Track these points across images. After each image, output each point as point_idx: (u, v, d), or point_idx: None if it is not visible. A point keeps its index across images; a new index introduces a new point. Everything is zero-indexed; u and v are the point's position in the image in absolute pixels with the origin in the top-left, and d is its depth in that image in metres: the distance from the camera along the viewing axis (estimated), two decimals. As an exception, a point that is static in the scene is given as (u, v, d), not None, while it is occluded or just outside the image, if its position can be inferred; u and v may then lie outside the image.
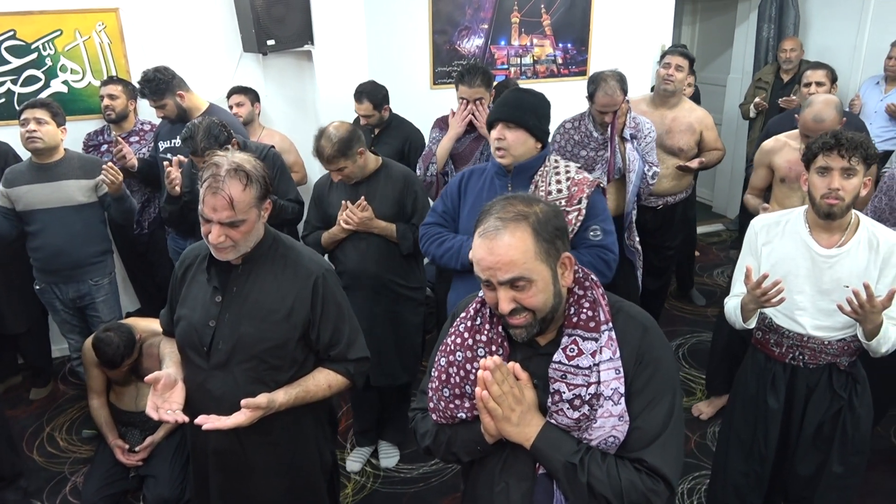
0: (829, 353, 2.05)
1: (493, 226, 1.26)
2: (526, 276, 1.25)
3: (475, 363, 1.36)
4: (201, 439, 1.86)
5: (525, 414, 1.31)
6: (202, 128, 2.64)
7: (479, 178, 2.35)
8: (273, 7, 3.61)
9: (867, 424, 2.10)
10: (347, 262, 2.78)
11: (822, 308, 2.00)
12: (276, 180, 2.96)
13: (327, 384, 1.84)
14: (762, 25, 5.52)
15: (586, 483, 1.26)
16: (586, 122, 3.22)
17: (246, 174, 1.66)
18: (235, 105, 3.83)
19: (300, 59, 4.09)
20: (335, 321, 1.84)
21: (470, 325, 1.41)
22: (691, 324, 4.42)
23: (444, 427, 1.44)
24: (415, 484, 3.04)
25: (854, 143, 1.88)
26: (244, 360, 1.76)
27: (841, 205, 1.92)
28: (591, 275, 1.39)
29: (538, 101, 2.25)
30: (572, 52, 4.92)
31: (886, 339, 1.93)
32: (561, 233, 1.31)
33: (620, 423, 1.28)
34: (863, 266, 1.96)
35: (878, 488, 2.93)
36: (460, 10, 4.50)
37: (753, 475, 2.23)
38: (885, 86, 4.49)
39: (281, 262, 1.80)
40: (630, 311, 1.39)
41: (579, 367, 1.28)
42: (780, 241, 2.08)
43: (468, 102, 3.09)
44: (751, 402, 2.20)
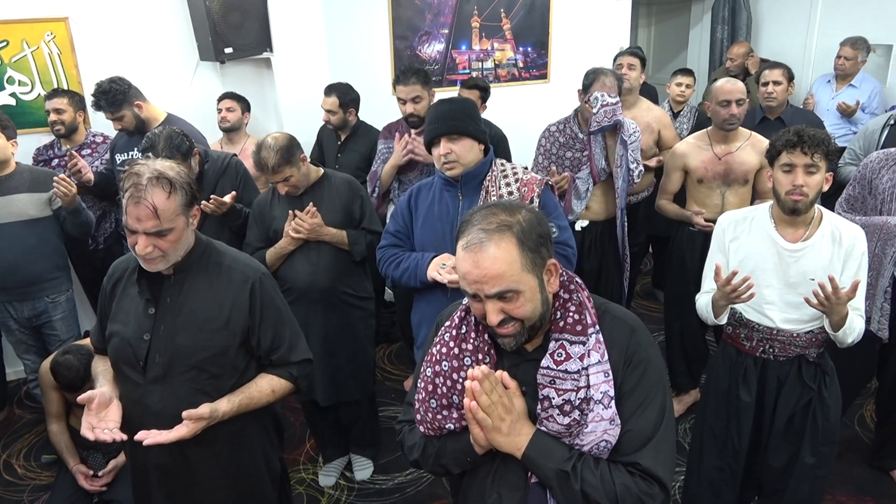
0: (797, 346, 2.09)
1: (476, 238, 1.23)
2: (513, 288, 1.23)
3: (462, 372, 1.34)
4: (141, 455, 1.80)
5: (515, 423, 1.29)
6: (163, 137, 2.57)
7: (428, 192, 2.32)
8: (229, 14, 3.55)
9: (836, 415, 2.15)
10: (297, 276, 2.67)
11: (790, 301, 2.03)
12: (240, 189, 2.89)
13: (271, 389, 1.80)
14: (716, 27, 5.64)
15: (580, 490, 1.24)
16: (571, 124, 3.24)
17: (169, 181, 1.62)
18: (226, 109, 3.75)
19: (259, 67, 4.03)
20: (275, 325, 1.80)
21: (455, 334, 1.38)
22: (657, 321, 4.46)
23: (432, 439, 1.41)
24: (390, 495, 3.00)
25: (816, 140, 1.93)
26: (183, 371, 1.71)
27: (805, 200, 1.97)
28: (575, 277, 1.38)
29: (468, 106, 2.24)
30: (533, 56, 4.95)
31: (852, 330, 1.97)
32: (545, 239, 1.29)
33: (612, 426, 1.26)
34: (827, 259, 2.00)
35: (845, 477, 3.00)
36: (420, 15, 4.48)
37: (727, 469, 2.25)
38: (836, 84, 4.62)
39: (215, 269, 1.76)
40: (616, 313, 1.38)
41: (568, 372, 1.27)
42: (746, 237, 2.12)
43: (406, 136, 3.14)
44: (723, 396, 2.23)
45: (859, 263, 2.00)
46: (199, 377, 1.72)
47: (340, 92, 3.54)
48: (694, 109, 4.40)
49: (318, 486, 3.07)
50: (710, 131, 3.10)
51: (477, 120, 2.23)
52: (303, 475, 3.15)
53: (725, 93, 2.94)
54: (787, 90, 3.75)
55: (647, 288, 5.00)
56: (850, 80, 4.53)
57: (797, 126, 1.99)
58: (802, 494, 2.17)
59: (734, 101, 2.92)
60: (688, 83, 4.32)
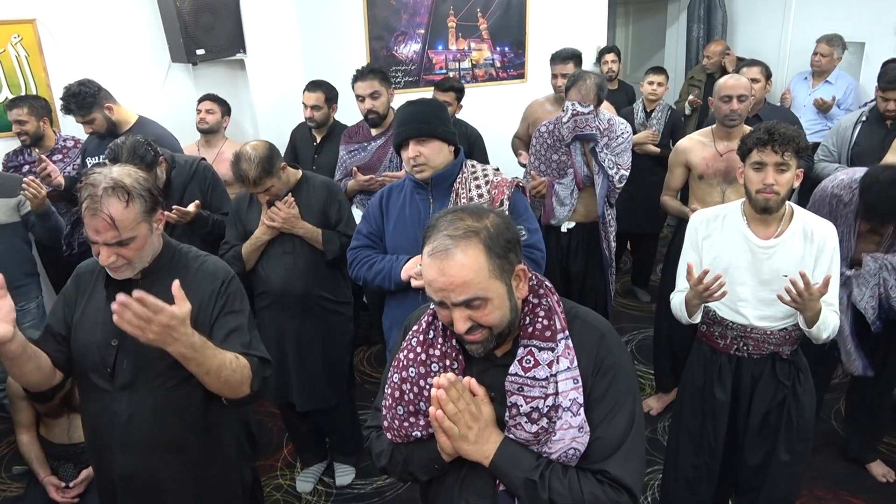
0: (771, 343, 2.09)
1: (443, 245, 1.20)
2: (481, 295, 1.20)
3: (429, 379, 1.31)
4: (107, 464, 1.76)
5: (483, 431, 1.26)
6: (126, 148, 2.51)
7: (399, 194, 2.30)
8: (201, 15, 3.50)
9: (811, 411, 2.15)
10: (272, 281, 2.65)
11: (764, 298, 2.04)
12: (208, 194, 2.85)
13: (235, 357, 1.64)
14: (692, 26, 5.68)
15: (547, 499, 1.23)
16: (560, 126, 3.21)
17: (126, 190, 1.58)
18: (205, 111, 3.69)
19: (233, 69, 3.98)
20: (238, 319, 1.72)
21: (422, 339, 1.35)
22: (637, 320, 4.49)
23: (400, 446, 1.38)
24: (370, 499, 2.97)
25: (786, 138, 1.92)
26: (151, 377, 1.67)
27: (776, 198, 1.97)
28: (545, 281, 1.35)
29: (435, 107, 2.21)
30: (510, 56, 4.95)
31: (826, 326, 1.97)
32: (513, 245, 1.25)
33: (580, 434, 1.24)
34: (799, 255, 2.01)
35: (821, 473, 3.02)
36: (396, 15, 4.46)
37: (704, 467, 2.25)
38: (813, 80, 4.67)
39: (185, 272, 1.73)
40: (586, 318, 1.35)
41: (536, 379, 1.24)
42: (719, 234, 2.12)
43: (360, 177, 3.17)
44: (698, 394, 2.23)
45: (831, 258, 2.01)
46: (167, 383, 1.68)
47: (326, 87, 3.52)
48: (667, 107, 4.42)
49: (295, 491, 3.03)
50: (714, 128, 3.06)
51: (446, 121, 2.20)
52: (280, 481, 3.11)
53: (728, 88, 2.88)
54: (764, 88, 3.78)
55: (626, 286, 5.01)
56: (826, 76, 4.58)
57: (768, 123, 1.99)
58: (778, 491, 2.18)
59: (735, 96, 2.86)
60: (660, 81, 4.37)
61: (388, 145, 3.19)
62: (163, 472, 1.75)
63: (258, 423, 3.50)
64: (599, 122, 3.12)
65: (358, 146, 3.26)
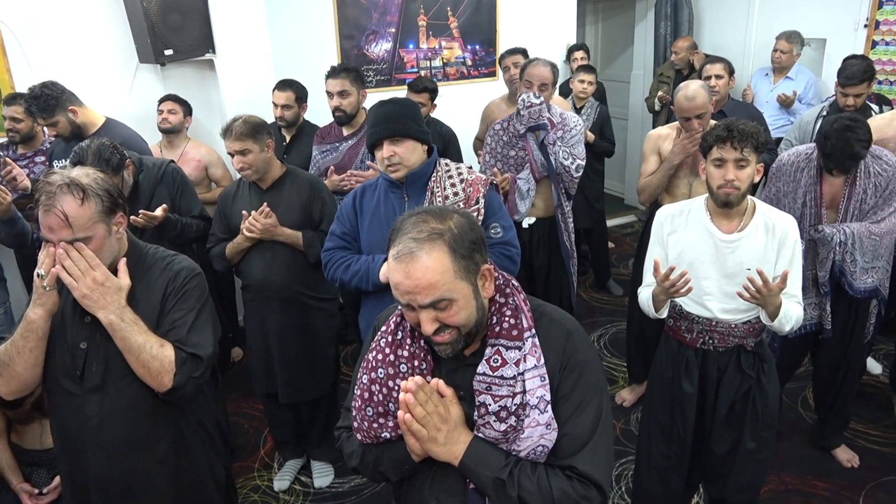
0: (736, 336, 2.14)
1: (407, 248, 1.20)
2: (447, 296, 1.21)
3: (398, 380, 1.32)
4: (80, 467, 1.76)
5: (452, 432, 1.27)
6: (91, 152, 2.48)
7: (373, 193, 2.31)
8: (168, 15, 3.47)
9: (775, 400, 2.21)
10: (252, 273, 2.70)
11: (728, 292, 2.08)
12: (177, 197, 2.83)
13: (159, 344, 1.66)
14: (659, 23, 5.75)
15: (517, 497, 1.24)
16: (514, 121, 3.24)
17: (81, 188, 1.58)
18: (167, 111, 3.65)
19: (202, 69, 3.95)
20: (183, 314, 1.73)
21: (391, 340, 1.36)
22: (610, 314, 4.55)
23: (370, 447, 1.39)
24: (347, 498, 2.98)
25: (745, 134, 1.97)
26: (121, 378, 1.68)
27: (737, 193, 2.02)
28: (511, 280, 1.36)
29: (408, 106, 2.22)
30: (481, 54, 4.97)
31: (788, 318, 2.03)
32: (478, 245, 1.26)
33: (548, 431, 1.26)
34: (762, 249, 2.06)
35: (789, 458, 3.10)
36: (366, 14, 4.46)
37: (674, 458, 2.30)
38: (774, 77, 4.76)
39: (151, 271, 1.74)
40: (553, 315, 1.37)
41: (504, 378, 1.26)
42: (684, 229, 2.16)
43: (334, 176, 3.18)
44: (667, 387, 2.27)
45: (792, 252, 2.06)
46: (135, 382, 1.69)
47: (296, 86, 3.53)
48: (596, 105, 4.54)
49: (272, 492, 3.03)
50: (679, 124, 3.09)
51: (419, 121, 2.21)
52: (257, 482, 3.11)
53: (684, 111, 2.90)
54: (728, 84, 3.84)
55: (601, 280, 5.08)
56: (787, 72, 4.67)
57: (727, 120, 2.04)
58: (745, 478, 2.23)
59: (693, 117, 2.89)
60: (590, 80, 4.52)
61: (359, 145, 3.20)
62: (135, 473, 1.75)
63: (234, 424, 3.49)
64: (552, 115, 3.17)
65: (330, 146, 3.27)
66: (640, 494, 2.45)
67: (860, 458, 3.05)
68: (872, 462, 3.05)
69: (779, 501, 2.84)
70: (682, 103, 2.90)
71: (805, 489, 2.91)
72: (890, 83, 4.58)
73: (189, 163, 3.68)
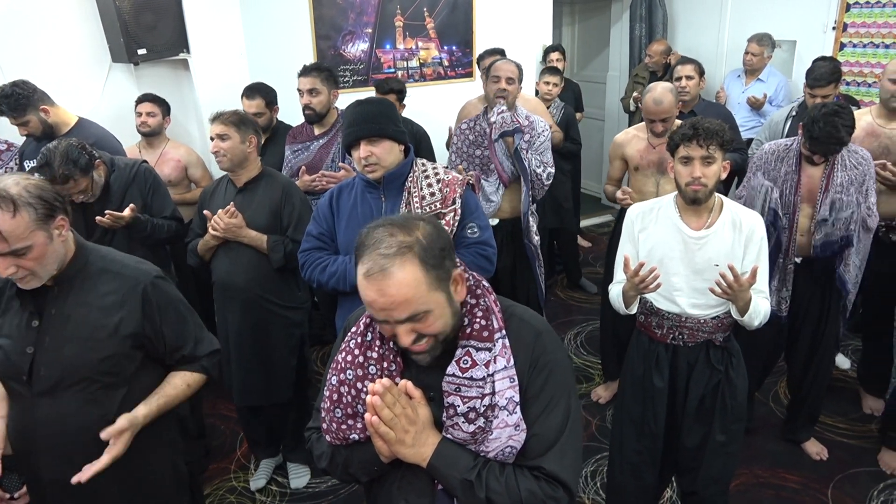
0: (704, 331, 2.18)
1: (378, 265, 1.17)
2: (423, 309, 1.19)
3: (367, 381, 1.31)
4: (33, 469, 1.75)
5: (420, 434, 1.27)
6: (59, 153, 2.44)
7: (350, 193, 2.30)
8: (141, 14, 3.44)
9: (743, 394, 2.25)
10: (218, 271, 2.71)
11: (697, 287, 2.12)
12: (149, 198, 2.81)
13: (185, 384, 1.84)
14: (634, 25, 5.81)
15: (485, 498, 1.24)
16: (480, 121, 3.27)
17: (11, 200, 1.54)
18: (146, 113, 3.58)
19: (176, 69, 3.92)
20: (175, 323, 1.80)
21: (360, 342, 1.35)
22: (586, 312, 4.59)
23: (339, 448, 1.38)
24: (324, 497, 2.98)
25: (710, 132, 2.02)
26: (72, 383, 1.67)
27: (704, 190, 2.06)
28: (482, 281, 1.36)
29: (385, 106, 2.23)
30: (458, 55, 4.99)
31: (757, 313, 2.07)
32: (447, 252, 1.24)
33: (517, 432, 1.26)
34: (729, 245, 2.10)
35: (760, 452, 3.16)
36: (343, 14, 4.46)
37: (646, 452, 2.33)
38: (745, 78, 4.83)
39: (103, 277, 1.72)
40: (523, 316, 1.37)
41: (473, 379, 1.26)
42: (654, 227, 2.20)
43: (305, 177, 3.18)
44: (639, 383, 2.31)
45: (759, 248, 2.10)
46: (89, 387, 1.68)
47: (264, 92, 3.51)
48: (561, 106, 4.60)
49: (249, 493, 3.02)
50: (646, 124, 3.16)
51: (396, 120, 2.21)
52: (233, 483, 3.09)
53: (651, 114, 2.98)
54: (698, 84, 3.90)
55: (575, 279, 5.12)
56: (758, 74, 4.75)
57: (693, 119, 2.08)
58: (715, 470, 2.27)
59: (658, 120, 2.97)
60: (555, 82, 4.59)
61: (330, 145, 3.20)
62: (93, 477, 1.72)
63: (210, 426, 3.47)
64: (518, 116, 3.22)
65: (301, 146, 3.26)
66: (614, 488, 2.48)
67: (829, 451, 3.12)
68: (841, 455, 3.12)
69: (750, 494, 2.89)
70: (650, 106, 2.97)
71: (775, 482, 2.96)
72: (857, 84, 4.68)
73: (168, 163, 3.65)
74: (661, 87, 2.98)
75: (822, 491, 2.90)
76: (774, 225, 2.71)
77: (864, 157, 2.69)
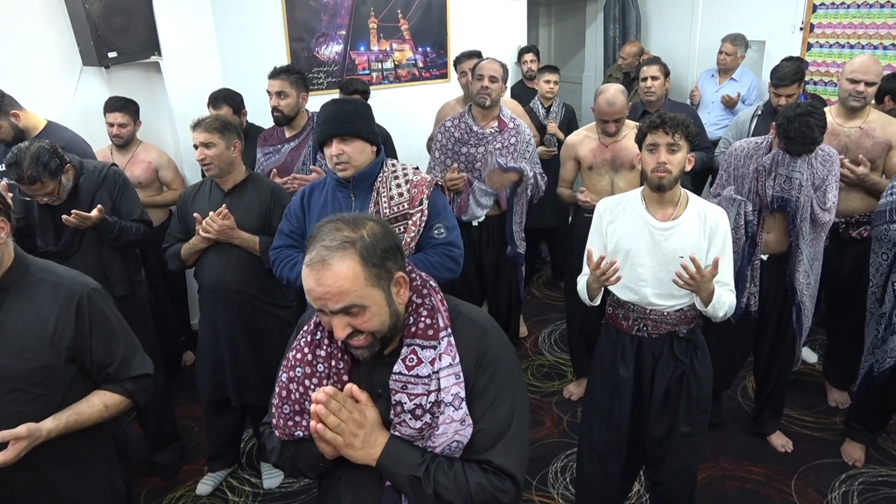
0: (668, 323, 2.24)
1: (319, 256, 1.22)
2: (358, 303, 1.22)
3: (314, 379, 1.34)
4: None
5: (368, 436, 1.29)
6: (29, 154, 2.44)
7: (321, 192, 2.33)
8: (112, 17, 3.45)
9: (708, 385, 2.31)
10: (207, 274, 2.70)
11: (662, 278, 2.18)
12: (118, 201, 2.82)
13: (103, 405, 1.76)
14: (608, 26, 5.88)
15: (433, 493, 1.27)
16: (465, 118, 3.31)
17: None
18: (118, 126, 3.53)
19: (148, 72, 3.92)
20: (106, 340, 1.77)
21: (310, 340, 1.38)
22: (561, 311, 4.63)
23: (288, 443, 1.41)
24: (296, 497, 3.00)
25: (676, 122, 2.10)
26: (5, 393, 1.65)
27: (669, 177, 2.12)
28: (429, 281, 1.39)
29: (360, 107, 2.26)
30: (432, 56, 5.02)
31: (721, 304, 2.13)
32: (391, 253, 1.28)
33: (463, 427, 1.29)
34: (695, 237, 2.16)
35: (729, 445, 3.22)
36: (316, 16, 4.48)
37: (613, 442, 2.39)
38: (719, 78, 4.91)
39: (39, 287, 1.71)
40: (470, 314, 1.40)
41: (419, 377, 1.29)
42: (622, 219, 2.26)
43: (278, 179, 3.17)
44: (607, 374, 2.36)
45: (723, 241, 2.17)
46: (21, 398, 1.66)
47: (230, 99, 3.51)
48: (562, 104, 4.62)
49: (221, 494, 3.03)
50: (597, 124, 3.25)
51: (369, 122, 2.24)
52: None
53: (604, 114, 3.09)
54: (664, 84, 3.95)
55: (550, 278, 5.18)
56: (732, 73, 4.83)
57: (660, 111, 2.15)
58: (681, 461, 2.32)
59: (611, 121, 3.09)
60: (556, 80, 4.64)
61: (301, 147, 3.22)
62: (22, 492, 1.72)
63: (184, 428, 3.47)
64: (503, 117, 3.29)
65: (272, 149, 3.28)
66: (582, 479, 2.53)
67: (794, 444, 3.18)
68: (805, 447, 3.18)
69: (716, 486, 2.94)
70: (603, 107, 3.07)
71: (741, 474, 3.02)
72: (825, 84, 4.76)
73: (139, 164, 3.65)
74: (613, 89, 3.08)
75: (785, 482, 2.96)
76: (747, 230, 2.76)
77: (831, 154, 2.75)
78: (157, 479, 3.10)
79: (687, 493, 2.41)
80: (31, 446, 1.60)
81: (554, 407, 3.59)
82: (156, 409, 3.07)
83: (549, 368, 3.99)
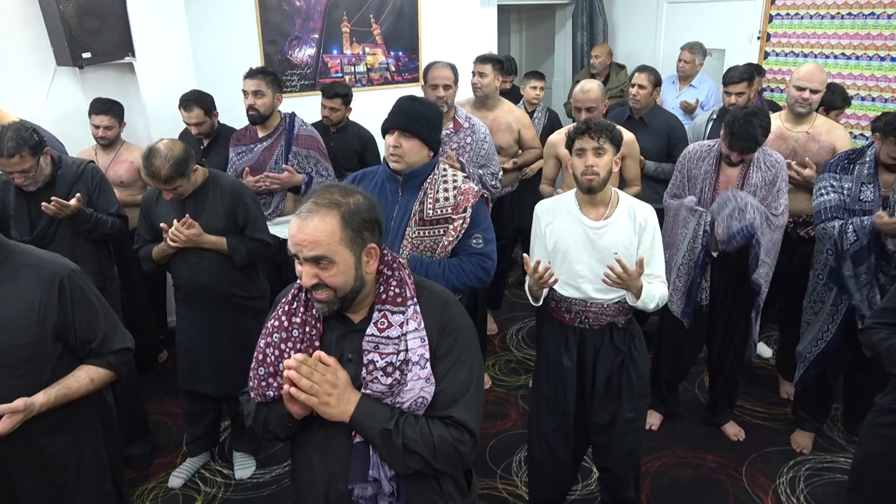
0: (608, 315, 2.36)
1: (307, 208, 1.39)
2: (328, 256, 1.38)
3: (289, 343, 1.50)
4: None
5: (342, 394, 1.42)
6: (11, 129, 2.55)
7: (371, 180, 2.39)
8: (85, 18, 3.51)
9: (646, 372, 2.45)
10: (180, 275, 2.79)
11: (599, 274, 2.29)
12: (95, 195, 2.90)
13: (89, 378, 1.88)
14: (576, 32, 6.04)
15: (401, 444, 1.41)
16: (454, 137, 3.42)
17: None
18: (104, 128, 3.56)
19: (123, 72, 3.98)
20: (87, 316, 1.87)
21: (287, 309, 1.53)
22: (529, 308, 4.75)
23: (261, 406, 1.55)
24: (268, 487, 3.07)
25: (601, 127, 2.24)
26: None
27: (598, 179, 2.25)
28: (398, 258, 1.56)
29: (431, 112, 2.31)
30: (404, 60, 5.13)
31: (651, 297, 2.26)
32: (370, 225, 1.43)
33: (427, 384, 1.44)
34: (627, 234, 2.29)
35: (683, 435, 3.36)
36: (289, 20, 4.57)
37: (559, 429, 2.51)
38: (679, 84, 5.08)
39: (22, 270, 1.80)
40: (433, 289, 1.57)
41: (389, 338, 1.44)
42: (559, 220, 2.38)
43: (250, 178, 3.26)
44: (551, 364, 2.48)
45: (652, 237, 2.31)
46: (11, 373, 1.75)
47: (200, 101, 3.56)
48: (546, 110, 4.74)
49: (194, 485, 3.10)
50: None
51: (435, 127, 2.30)
52: (178, 476, 3.17)
53: (577, 101, 3.24)
54: (650, 94, 3.92)
55: (520, 278, 5.30)
56: (691, 80, 4.99)
57: (587, 118, 2.28)
58: (626, 446, 2.45)
59: (584, 109, 3.21)
60: (541, 86, 4.73)
61: (273, 147, 3.31)
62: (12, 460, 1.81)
63: (157, 423, 3.53)
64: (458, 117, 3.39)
65: (245, 148, 3.36)
66: (533, 464, 2.65)
67: (746, 433, 3.33)
68: (757, 436, 3.34)
69: (671, 473, 3.08)
70: (577, 94, 3.22)
71: (695, 461, 3.16)
72: (781, 91, 4.96)
73: (122, 164, 3.69)
74: (590, 81, 3.24)
75: (737, 469, 3.10)
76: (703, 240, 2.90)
77: (778, 160, 2.91)
78: (129, 470, 3.16)
79: (633, 476, 2.54)
80: (25, 419, 1.71)
81: (519, 400, 3.71)
82: (128, 404, 3.13)
83: (515, 364, 4.12)
